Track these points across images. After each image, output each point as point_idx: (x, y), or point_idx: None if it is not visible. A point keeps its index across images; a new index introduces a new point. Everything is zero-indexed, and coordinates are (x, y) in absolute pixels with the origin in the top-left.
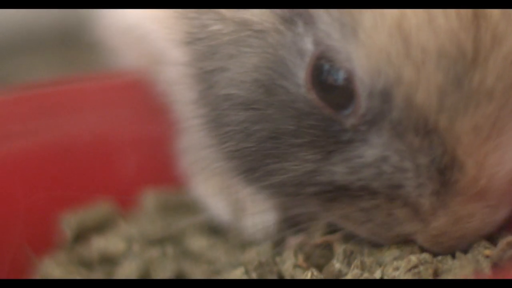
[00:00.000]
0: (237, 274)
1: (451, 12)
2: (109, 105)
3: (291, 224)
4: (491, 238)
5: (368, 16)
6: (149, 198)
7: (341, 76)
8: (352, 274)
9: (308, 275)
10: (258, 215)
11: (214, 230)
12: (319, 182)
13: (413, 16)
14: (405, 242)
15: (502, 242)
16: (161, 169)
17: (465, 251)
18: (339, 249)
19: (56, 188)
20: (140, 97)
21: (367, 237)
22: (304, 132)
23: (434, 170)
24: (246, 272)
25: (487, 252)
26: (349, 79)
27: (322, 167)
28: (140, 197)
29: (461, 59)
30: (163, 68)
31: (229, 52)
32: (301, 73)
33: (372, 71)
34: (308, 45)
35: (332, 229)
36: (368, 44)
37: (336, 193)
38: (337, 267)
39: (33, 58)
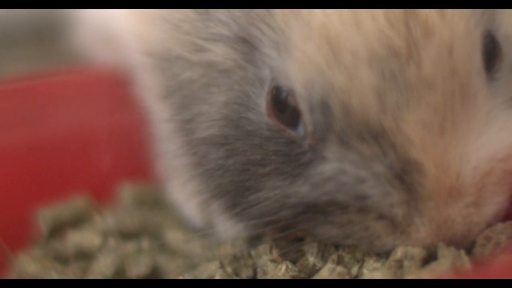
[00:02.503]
0: (212, 268)
1: (378, 12)
2: (84, 99)
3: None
4: None
5: (296, 29)
6: (126, 192)
7: (285, 95)
8: (326, 268)
9: (282, 269)
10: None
11: (190, 224)
12: (291, 205)
13: (339, 22)
14: None
15: (480, 237)
16: (137, 163)
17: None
18: (313, 243)
19: (32, 183)
20: (116, 91)
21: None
22: (269, 160)
23: (393, 177)
24: (221, 266)
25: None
26: (292, 97)
27: (291, 192)
28: (116, 191)
29: (394, 57)
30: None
31: (201, 96)
32: (263, 102)
33: (306, 85)
34: (266, 73)
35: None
36: (299, 58)
37: (309, 213)
38: (311, 261)
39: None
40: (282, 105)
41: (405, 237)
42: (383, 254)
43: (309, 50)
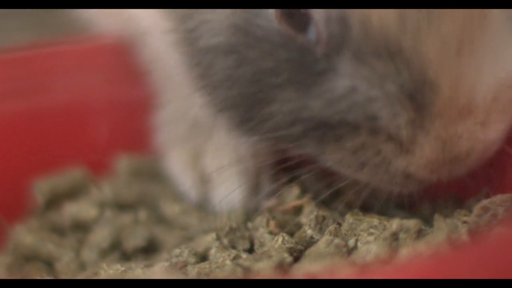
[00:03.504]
0: (209, 239)
1: None
2: (83, 69)
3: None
4: (470, 206)
5: None
6: (122, 164)
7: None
8: (323, 240)
9: (279, 241)
10: (224, 187)
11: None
12: (303, 119)
13: None
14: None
15: (477, 207)
16: (134, 134)
17: (444, 217)
18: (311, 215)
19: (28, 154)
20: (115, 62)
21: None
22: (282, 68)
23: (404, 97)
24: (218, 238)
25: (465, 218)
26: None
27: (303, 104)
28: (113, 162)
29: None
30: (146, 39)
31: None
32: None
33: None
34: None
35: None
36: None
37: (320, 130)
38: (308, 233)
39: (6, 22)
40: (293, 11)
41: (410, 156)
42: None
43: None
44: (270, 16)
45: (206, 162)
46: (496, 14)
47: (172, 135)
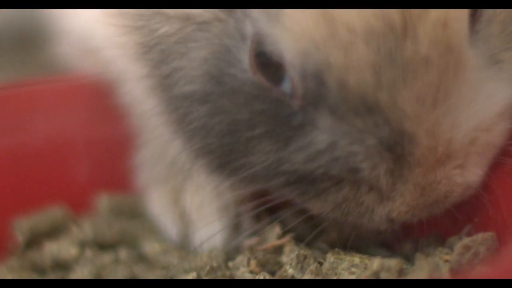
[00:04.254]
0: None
1: None
2: (62, 108)
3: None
4: (452, 245)
5: None
6: (103, 202)
7: (274, 58)
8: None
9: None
10: (205, 227)
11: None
12: (284, 172)
13: None
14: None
15: (459, 246)
16: (115, 173)
17: (425, 255)
18: (292, 254)
19: (8, 192)
20: (95, 100)
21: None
22: (258, 121)
23: (383, 149)
24: (199, 277)
25: (447, 257)
26: (281, 62)
27: (283, 157)
28: (93, 201)
29: (390, 33)
30: (122, 82)
31: (179, 51)
32: (245, 58)
33: (300, 55)
34: (248, 29)
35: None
36: (292, 27)
37: (303, 184)
38: (290, 272)
39: None
40: (267, 61)
41: (391, 203)
42: (360, 266)
43: (304, 21)
44: (244, 66)
45: (186, 201)
46: (471, 59)
47: (152, 174)
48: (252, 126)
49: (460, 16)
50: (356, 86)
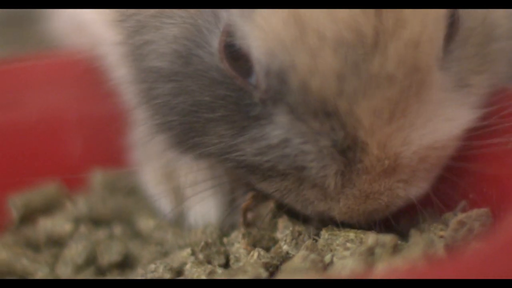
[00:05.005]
0: (184, 255)
1: None
2: (56, 83)
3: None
4: (447, 221)
5: None
6: (97, 178)
7: (241, 51)
8: (299, 255)
9: (254, 256)
10: (199, 204)
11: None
12: (233, 159)
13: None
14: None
15: (453, 222)
16: (109, 149)
17: (420, 231)
18: (287, 230)
19: (2, 169)
20: (89, 76)
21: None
22: (219, 105)
23: (336, 152)
24: (193, 253)
25: (442, 233)
26: (247, 56)
27: (235, 145)
28: (88, 177)
29: (360, 45)
30: (103, 51)
31: (154, 24)
32: (215, 42)
33: (266, 54)
34: (223, 13)
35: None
36: (262, 26)
37: (250, 171)
38: (284, 248)
39: None
40: (236, 53)
41: (334, 204)
42: (355, 240)
43: (274, 22)
44: (212, 50)
45: (180, 178)
46: (437, 81)
47: (145, 152)
48: (212, 109)
49: (434, 36)
50: (318, 91)
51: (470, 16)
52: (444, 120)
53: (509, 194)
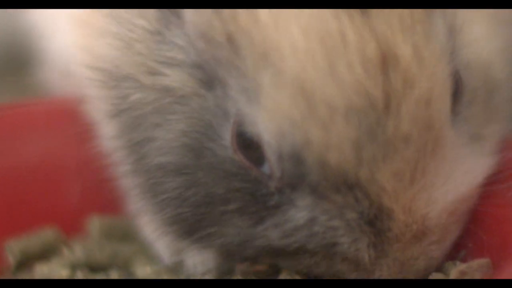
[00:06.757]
0: None
1: (355, 61)
2: (53, 130)
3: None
4: (447, 270)
5: (268, 77)
6: (94, 224)
7: (252, 138)
8: None
9: None
10: (198, 250)
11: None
12: (257, 246)
13: (313, 70)
14: None
15: (454, 272)
16: (106, 195)
17: None
18: (287, 277)
19: None
20: (85, 122)
21: None
22: (234, 197)
23: (364, 223)
24: None
25: None
26: (259, 142)
27: (257, 233)
28: (85, 223)
29: (372, 109)
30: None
31: (154, 121)
32: (227, 135)
33: (277, 134)
34: (230, 108)
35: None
36: (269, 107)
37: (276, 253)
38: None
39: None
40: (248, 142)
41: (368, 275)
42: None
43: (281, 100)
44: (225, 142)
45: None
46: (451, 137)
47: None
48: (226, 201)
49: (443, 93)
50: (337, 164)
51: (472, 75)
52: (463, 173)
53: (509, 243)
